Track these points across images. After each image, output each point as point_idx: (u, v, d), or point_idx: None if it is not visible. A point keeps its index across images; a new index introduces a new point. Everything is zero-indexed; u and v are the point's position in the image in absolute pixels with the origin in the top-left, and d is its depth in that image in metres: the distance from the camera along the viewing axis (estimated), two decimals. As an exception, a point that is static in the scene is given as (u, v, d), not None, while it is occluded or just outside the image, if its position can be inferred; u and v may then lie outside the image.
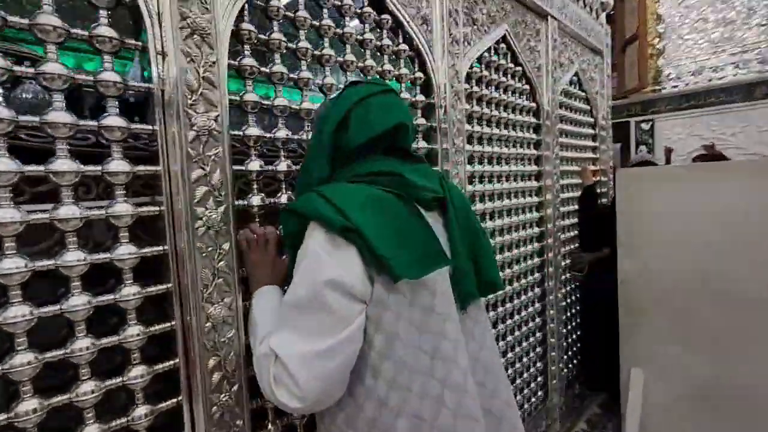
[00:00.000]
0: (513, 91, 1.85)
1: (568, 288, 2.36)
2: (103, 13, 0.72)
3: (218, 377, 0.83)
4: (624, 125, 4.74)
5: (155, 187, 0.79)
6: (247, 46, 0.92)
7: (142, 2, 0.74)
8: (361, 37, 1.17)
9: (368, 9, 1.19)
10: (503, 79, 1.77)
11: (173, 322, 0.80)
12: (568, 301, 2.36)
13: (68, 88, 0.69)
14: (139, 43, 0.76)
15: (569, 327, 2.37)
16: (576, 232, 2.44)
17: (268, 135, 0.96)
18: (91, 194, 0.79)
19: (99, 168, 0.72)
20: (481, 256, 0.84)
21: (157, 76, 0.76)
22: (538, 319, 2.05)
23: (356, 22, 1.19)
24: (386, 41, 1.25)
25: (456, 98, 1.43)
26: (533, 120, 1.98)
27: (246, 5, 0.91)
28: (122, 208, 0.74)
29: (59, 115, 0.67)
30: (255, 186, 0.94)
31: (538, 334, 2.05)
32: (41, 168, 0.66)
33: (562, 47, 2.18)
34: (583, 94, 2.50)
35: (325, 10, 1.08)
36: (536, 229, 2.02)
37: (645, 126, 4.66)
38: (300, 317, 0.67)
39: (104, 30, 0.72)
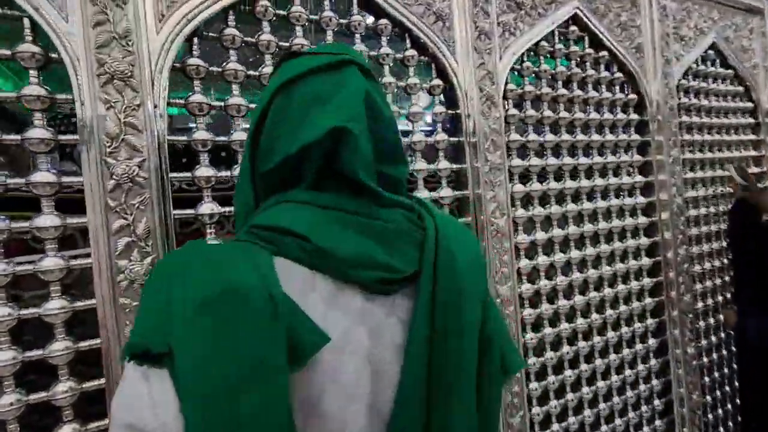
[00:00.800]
0: (596, 83, 1.44)
1: (712, 339, 1.72)
2: (33, 72, 0.74)
3: (145, 445, 0.76)
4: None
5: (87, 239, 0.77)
6: (197, 82, 0.86)
7: (66, 56, 0.74)
8: (348, 51, 1.02)
9: (357, 18, 1.03)
10: (576, 69, 1.38)
11: (101, 381, 0.76)
12: (714, 357, 1.72)
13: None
14: (70, 97, 0.76)
15: (716, 394, 1.71)
16: (726, 260, 1.78)
17: (224, 174, 0.88)
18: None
19: (27, 225, 0.73)
20: (450, 400, 0.44)
21: (81, 126, 0.74)
22: (656, 381, 1.53)
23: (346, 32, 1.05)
24: (385, 50, 1.07)
25: (488, 104, 1.15)
26: (634, 116, 1.51)
27: (195, 38, 0.86)
28: (51, 262, 0.74)
29: (-15, 177, 0.70)
30: (210, 230, 0.87)
31: (657, 402, 1.52)
32: (-34, 228, 0.70)
33: (682, 15, 1.64)
34: (730, 71, 1.84)
35: (299, 29, 0.97)
36: (646, 260, 1.51)
37: None
38: None
39: (33, 89, 0.73)
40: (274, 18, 0.94)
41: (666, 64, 1.55)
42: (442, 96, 1.15)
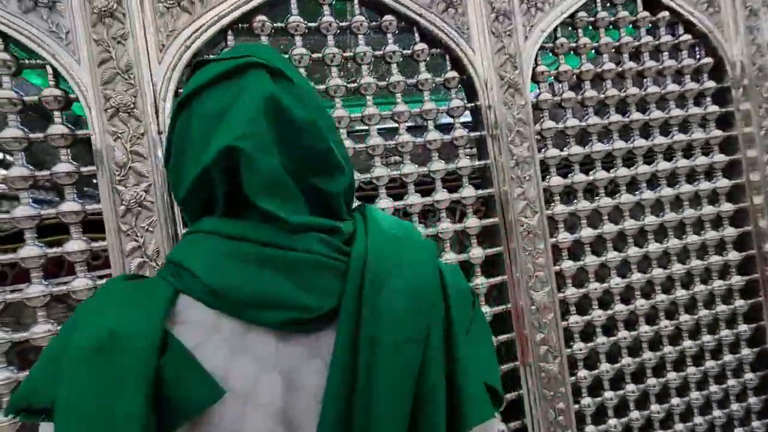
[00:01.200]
0: (655, 50, 1.23)
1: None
2: (57, 114, 0.82)
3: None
4: None
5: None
6: (201, 104, 0.89)
7: (80, 94, 0.81)
8: (351, 53, 0.99)
9: (360, 18, 0.99)
10: (627, 38, 1.20)
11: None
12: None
13: (31, 186, 0.81)
14: (88, 132, 0.83)
15: None
16: None
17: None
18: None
19: (59, 250, 0.82)
20: None
21: (96, 157, 0.81)
22: (754, 399, 1.27)
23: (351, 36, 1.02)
24: (391, 47, 1.01)
25: (511, 92, 1.04)
26: (709, 84, 1.27)
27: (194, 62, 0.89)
28: (80, 283, 0.82)
29: (24, 209, 0.80)
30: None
31: (756, 423, 1.27)
32: (9, 256, 0.80)
33: (774, -47, 1.34)
34: None
35: (298, 38, 0.96)
36: (734, 254, 1.27)
37: None
38: None
39: (57, 129, 0.82)
40: (273, 31, 0.94)
41: (751, 16, 1.27)
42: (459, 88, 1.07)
